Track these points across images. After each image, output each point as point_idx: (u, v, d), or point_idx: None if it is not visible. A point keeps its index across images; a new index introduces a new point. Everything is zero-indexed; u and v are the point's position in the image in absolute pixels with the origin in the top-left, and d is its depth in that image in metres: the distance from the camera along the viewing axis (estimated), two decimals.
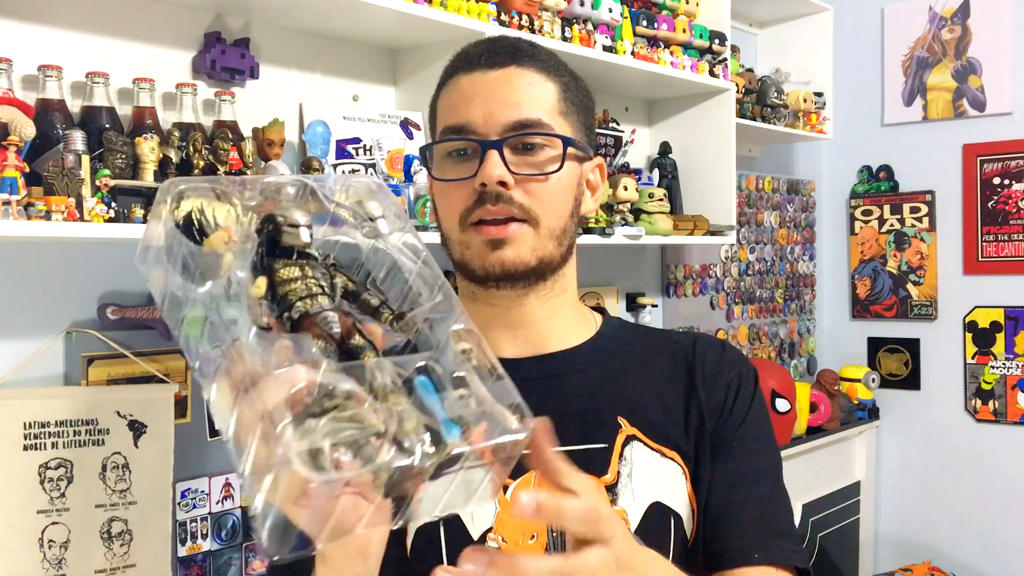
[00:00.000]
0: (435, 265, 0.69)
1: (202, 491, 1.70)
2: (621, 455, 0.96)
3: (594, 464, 0.94)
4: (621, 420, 0.98)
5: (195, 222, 0.62)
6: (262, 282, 0.62)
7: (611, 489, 0.95)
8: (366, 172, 1.89)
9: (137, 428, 1.58)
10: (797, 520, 2.80)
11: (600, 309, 1.11)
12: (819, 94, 3.06)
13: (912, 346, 3.41)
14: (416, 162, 1.91)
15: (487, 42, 0.99)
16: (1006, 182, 3.20)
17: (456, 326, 0.65)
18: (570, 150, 0.96)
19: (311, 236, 0.64)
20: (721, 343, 1.07)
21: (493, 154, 0.91)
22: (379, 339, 0.65)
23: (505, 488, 0.92)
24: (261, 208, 0.65)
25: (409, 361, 0.61)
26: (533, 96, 0.95)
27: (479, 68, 0.95)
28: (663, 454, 0.98)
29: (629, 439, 0.97)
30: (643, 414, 0.99)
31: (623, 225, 2.29)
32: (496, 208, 0.92)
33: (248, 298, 0.61)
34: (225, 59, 1.69)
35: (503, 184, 0.91)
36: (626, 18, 2.30)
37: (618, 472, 0.95)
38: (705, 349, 1.04)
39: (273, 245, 0.64)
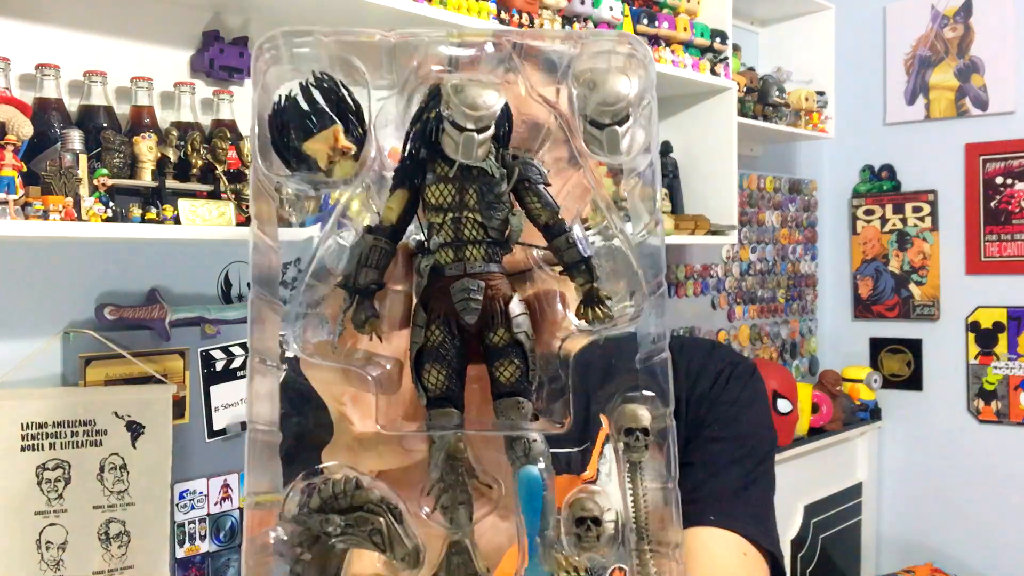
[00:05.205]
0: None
1: (200, 492, 1.70)
2: (602, 453, 0.94)
3: (576, 462, 0.94)
4: (603, 418, 0.97)
5: (295, 115, 0.41)
6: (396, 202, 0.42)
7: (591, 485, 0.94)
8: None
9: (135, 429, 1.57)
10: (798, 521, 2.79)
11: None
12: (821, 93, 3.05)
13: (914, 346, 3.40)
14: None
15: None
16: (1009, 181, 3.19)
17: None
18: None
19: (494, 141, 0.40)
20: (712, 343, 1.06)
21: None
22: (550, 331, 0.43)
23: None
24: (423, 78, 0.42)
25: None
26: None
27: None
28: None
29: (610, 437, 0.96)
30: None
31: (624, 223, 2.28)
32: None
33: (361, 231, 0.42)
34: (223, 58, 1.68)
35: None
36: (627, 16, 2.29)
37: (597, 470, 0.93)
38: (692, 348, 1.03)
39: (431, 143, 0.41)
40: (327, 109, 0.41)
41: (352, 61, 0.42)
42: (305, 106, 0.41)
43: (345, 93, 0.41)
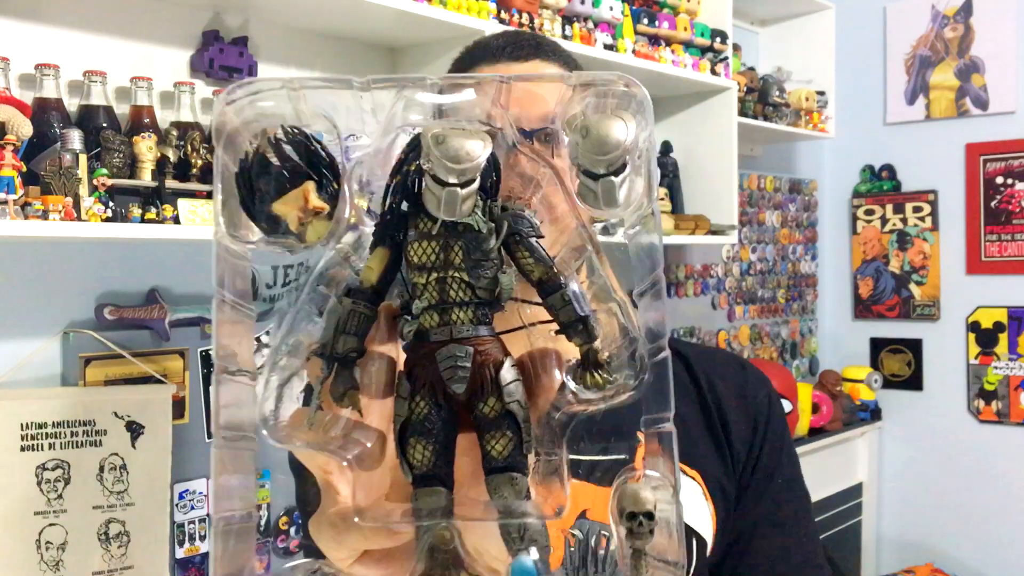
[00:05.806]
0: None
1: (200, 492, 1.70)
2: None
3: (615, 475, 0.92)
4: (639, 435, 0.95)
5: (263, 172, 0.37)
6: (377, 261, 0.39)
7: None
8: None
9: (135, 429, 1.57)
10: None
11: None
12: (821, 93, 3.04)
13: (915, 346, 3.40)
14: None
15: (507, 35, 0.97)
16: (1009, 181, 3.19)
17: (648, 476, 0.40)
18: None
19: (481, 193, 0.37)
20: (740, 362, 1.04)
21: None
22: (545, 398, 0.39)
23: None
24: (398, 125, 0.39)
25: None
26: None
27: (503, 60, 0.92)
28: (684, 472, 0.95)
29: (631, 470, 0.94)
30: None
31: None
32: None
33: (339, 293, 0.39)
34: (223, 58, 1.68)
35: None
36: (627, 16, 2.29)
37: None
38: (725, 370, 1.01)
39: (413, 197, 0.38)
40: (298, 165, 0.37)
41: (324, 112, 0.38)
42: (275, 162, 0.37)
43: (317, 147, 0.38)
